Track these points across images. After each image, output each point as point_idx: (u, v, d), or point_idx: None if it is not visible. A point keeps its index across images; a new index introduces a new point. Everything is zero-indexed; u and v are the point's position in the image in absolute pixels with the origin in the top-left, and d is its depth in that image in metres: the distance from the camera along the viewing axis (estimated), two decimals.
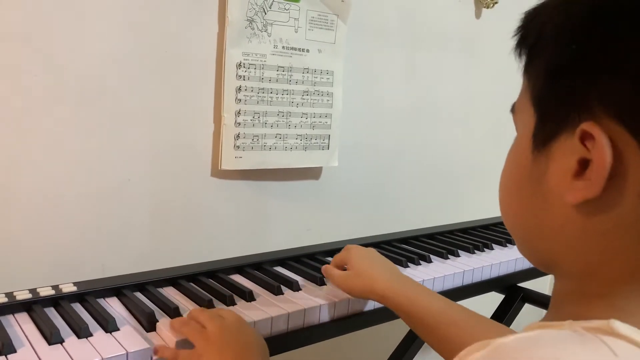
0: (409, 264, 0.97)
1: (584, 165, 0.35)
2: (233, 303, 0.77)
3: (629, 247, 0.36)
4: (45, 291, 0.73)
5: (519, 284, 1.11)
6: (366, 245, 1.04)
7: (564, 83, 0.36)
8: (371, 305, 0.84)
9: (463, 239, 1.15)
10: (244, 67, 1.05)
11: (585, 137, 0.35)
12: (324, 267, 0.84)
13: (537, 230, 0.41)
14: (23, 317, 0.69)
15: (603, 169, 0.34)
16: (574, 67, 0.36)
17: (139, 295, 0.78)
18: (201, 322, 0.66)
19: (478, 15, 1.49)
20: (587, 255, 0.38)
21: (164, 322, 0.69)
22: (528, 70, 0.40)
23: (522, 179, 0.41)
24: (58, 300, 0.72)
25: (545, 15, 0.39)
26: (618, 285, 0.37)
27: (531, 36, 0.40)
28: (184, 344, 0.65)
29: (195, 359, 0.62)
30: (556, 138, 0.37)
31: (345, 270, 0.83)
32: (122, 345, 0.63)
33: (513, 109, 0.43)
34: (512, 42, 0.41)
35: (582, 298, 0.38)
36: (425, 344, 0.74)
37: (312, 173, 1.24)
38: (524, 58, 0.40)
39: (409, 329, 0.80)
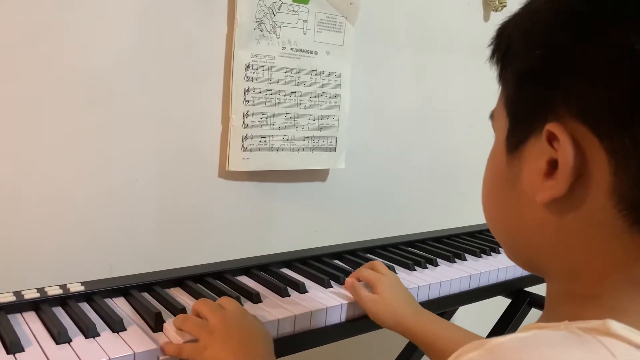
0: (416, 267, 0.97)
1: (553, 165, 0.36)
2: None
3: (606, 246, 0.36)
4: (53, 290, 0.73)
5: (525, 289, 1.11)
6: (371, 248, 1.05)
7: (531, 86, 0.38)
8: None
9: (470, 243, 1.14)
10: (253, 68, 1.05)
11: (551, 138, 0.36)
12: (350, 283, 0.81)
13: (517, 232, 0.42)
14: (31, 316, 0.69)
15: (566, 168, 0.35)
16: (539, 70, 0.37)
17: (146, 295, 0.78)
18: (203, 315, 0.67)
19: (486, 18, 1.48)
20: (568, 255, 0.38)
21: (171, 323, 0.69)
22: (502, 78, 0.42)
23: (499, 182, 0.42)
24: (66, 300, 0.73)
25: (515, 24, 0.41)
26: (606, 285, 0.37)
27: (503, 45, 0.41)
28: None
29: (200, 352, 0.62)
30: (527, 141, 0.39)
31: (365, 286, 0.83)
32: (129, 346, 0.63)
33: (492, 116, 0.44)
34: (487, 52, 0.43)
35: (574, 299, 0.39)
36: None
37: (319, 175, 1.24)
38: (498, 67, 0.42)
39: None
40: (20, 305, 0.70)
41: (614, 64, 0.33)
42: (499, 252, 1.10)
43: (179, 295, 0.79)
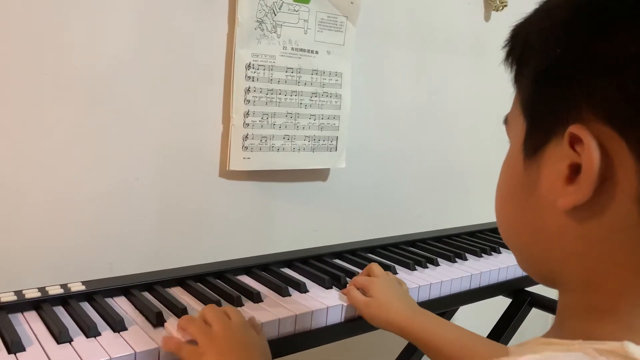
0: (417, 267, 0.97)
1: (575, 170, 0.34)
2: (240, 304, 0.76)
3: (628, 255, 0.34)
4: (54, 290, 0.73)
5: (526, 288, 1.11)
6: (372, 247, 1.05)
7: (551, 88, 0.36)
8: None
9: (471, 242, 1.14)
10: (253, 68, 1.05)
11: (574, 141, 0.34)
12: (346, 290, 0.82)
13: (534, 241, 0.40)
14: (32, 316, 0.69)
15: (591, 172, 0.33)
16: (559, 71, 0.35)
17: (146, 295, 0.78)
18: (208, 320, 0.66)
19: (487, 17, 1.48)
20: (587, 265, 0.36)
21: (171, 322, 0.69)
22: (518, 80, 0.40)
23: (516, 188, 0.40)
24: (67, 299, 0.73)
25: (530, 24, 0.39)
26: (624, 299, 0.35)
27: (518, 46, 0.40)
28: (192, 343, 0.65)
29: (198, 356, 0.62)
30: (547, 144, 0.36)
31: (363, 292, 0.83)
32: (130, 345, 0.63)
33: (506, 121, 0.43)
34: (502, 54, 0.41)
35: (589, 313, 0.37)
36: None
37: (319, 174, 1.24)
38: (514, 69, 0.40)
39: None
40: (21, 305, 0.70)
41: (639, 61, 0.32)
42: (499, 252, 1.10)
43: (180, 295, 0.79)
